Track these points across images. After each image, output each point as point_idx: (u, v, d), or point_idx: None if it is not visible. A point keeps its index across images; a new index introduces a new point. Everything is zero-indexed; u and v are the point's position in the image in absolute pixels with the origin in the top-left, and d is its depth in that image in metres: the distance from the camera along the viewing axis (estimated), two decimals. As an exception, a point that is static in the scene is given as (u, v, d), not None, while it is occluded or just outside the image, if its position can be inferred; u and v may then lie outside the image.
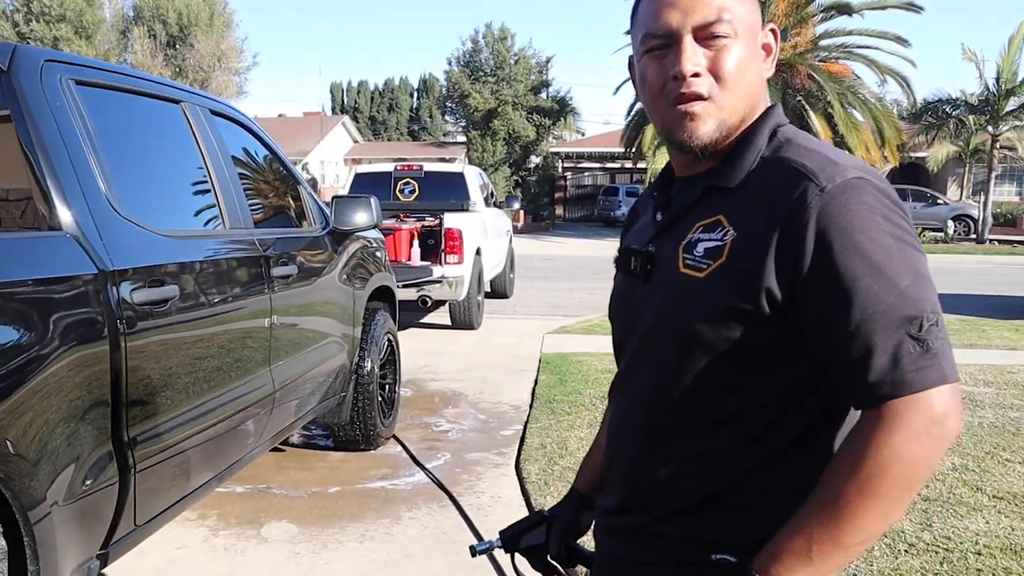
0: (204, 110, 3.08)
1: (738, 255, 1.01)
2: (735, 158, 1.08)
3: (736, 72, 1.06)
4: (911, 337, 0.92)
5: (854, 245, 0.94)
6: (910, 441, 0.91)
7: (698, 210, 1.10)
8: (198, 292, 2.62)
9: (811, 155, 1.03)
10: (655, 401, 1.12)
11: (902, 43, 22.67)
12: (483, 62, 32.03)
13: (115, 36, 28.11)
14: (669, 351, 1.09)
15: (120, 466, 2.21)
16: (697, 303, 1.04)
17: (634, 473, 1.15)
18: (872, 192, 0.98)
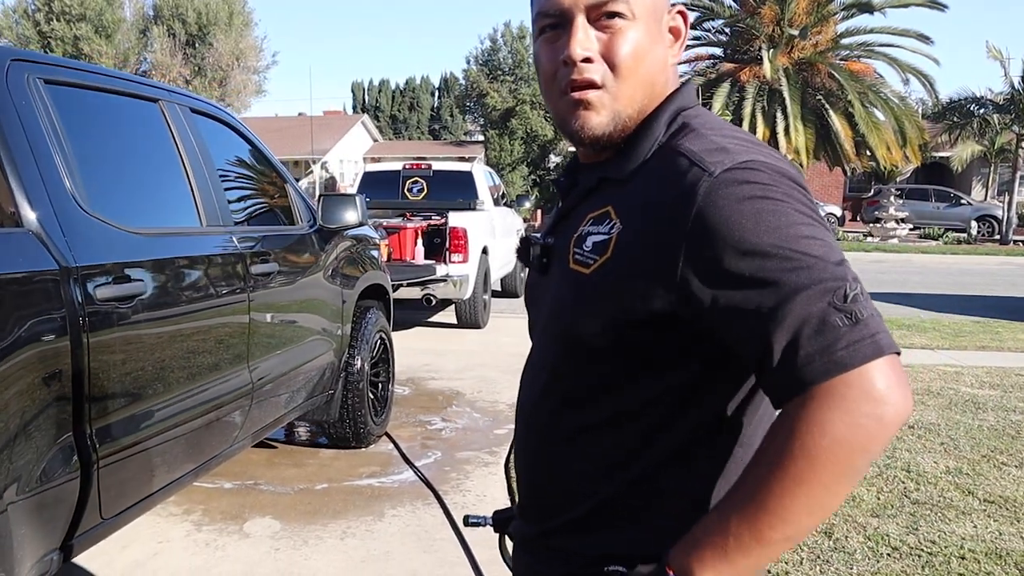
0: (184, 108, 3.10)
1: (622, 250, 0.95)
2: (629, 147, 1.01)
3: (632, 58, 0.99)
4: (836, 309, 0.81)
5: (752, 228, 0.85)
6: (846, 422, 0.79)
7: (591, 201, 1.04)
8: (167, 289, 2.63)
9: (702, 140, 0.95)
10: (545, 403, 1.07)
11: (925, 41, 22.42)
12: (501, 61, 32.06)
13: (135, 35, 28.39)
14: (557, 350, 1.05)
15: (82, 461, 2.22)
16: (582, 301, 0.99)
17: (529, 479, 1.11)
18: (765, 174, 0.90)
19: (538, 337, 1.13)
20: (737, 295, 0.85)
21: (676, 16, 1.05)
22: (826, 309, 0.81)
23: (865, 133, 21.29)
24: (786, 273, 0.83)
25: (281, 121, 37.71)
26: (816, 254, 0.84)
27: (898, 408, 0.81)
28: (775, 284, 0.83)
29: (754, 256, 0.84)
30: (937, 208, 25.90)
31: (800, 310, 0.81)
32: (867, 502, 3.65)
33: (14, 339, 1.98)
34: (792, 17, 21.97)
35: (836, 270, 0.83)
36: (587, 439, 1.02)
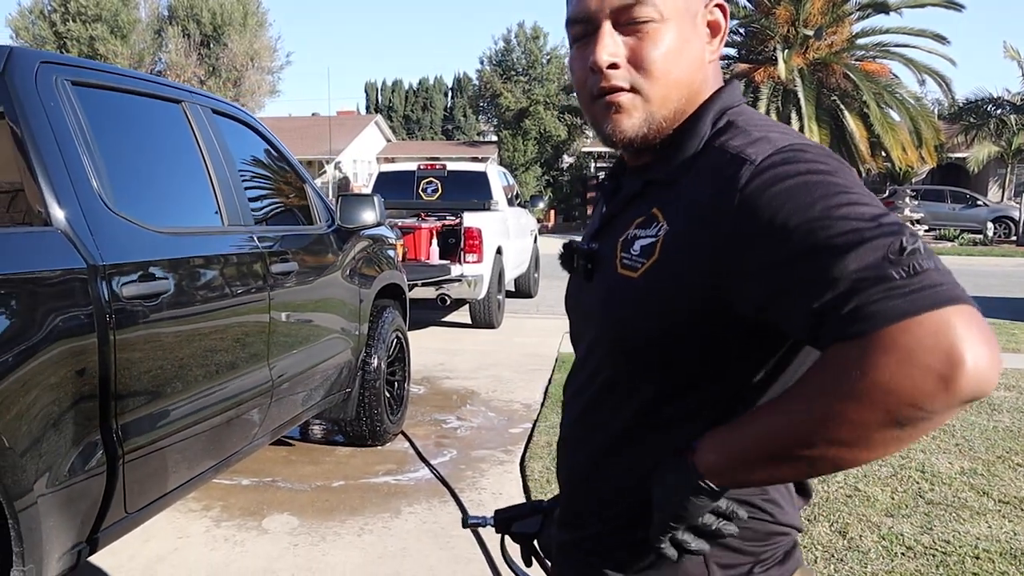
0: (206, 110, 3.15)
1: (669, 251, 0.94)
2: (673, 148, 1.00)
3: (663, 61, 0.97)
4: (890, 262, 0.77)
5: (797, 202, 0.83)
6: (898, 370, 0.74)
7: (637, 204, 1.03)
8: (191, 287, 2.68)
9: (745, 135, 0.94)
10: (594, 410, 1.06)
11: (941, 41, 22.30)
12: (515, 61, 32.09)
13: (150, 35, 28.58)
14: (606, 358, 1.04)
15: (109, 456, 2.27)
16: (631, 306, 0.98)
17: (573, 487, 1.11)
18: (809, 154, 0.88)
19: (585, 345, 1.11)
20: (787, 270, 0.82)
21: (714, 10, 1.01)
22: (880, 263, 0.77)
23: (880, 134, 21.19)
24: (835, 238, 0.79)
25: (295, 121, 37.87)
26: (865, 215, 0.81)
27: (973, 368, 0.73)
28: (825, 250, 0.79)
29: (801, 229, 0.82)
30: (953, 209, 25.73)
31: (852, 268, 0.77)
32: (881, 502, 3.66)
33: (44, 335, 2.03)
34: (807, 17, 21.89)
35: (888, 227, 0.79)
36: (635, 447, 1.02)
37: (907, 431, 0.77)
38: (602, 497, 1.05)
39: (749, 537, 0.98)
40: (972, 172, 26.98)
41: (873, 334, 0.75)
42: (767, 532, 0.99)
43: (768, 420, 0.86)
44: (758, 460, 0.87)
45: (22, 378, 1.96)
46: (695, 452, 0.91)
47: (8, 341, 1.93)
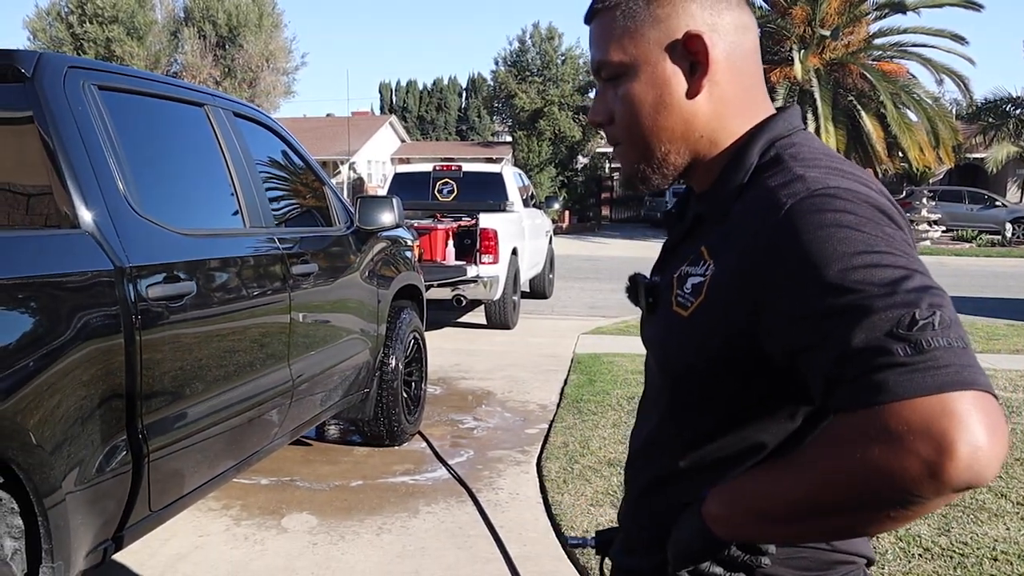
0: (228, 113, 3.19)
1: (714, 294, 0.93)
2: (719, 183, 0.99)
3: (632, 114, 1.00)
4: (895, 337, 0.74)
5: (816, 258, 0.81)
6: (887, 454, 0.72)
7: (689, 241, 1.03)
8: (214, 288, 2.72)
9: (783, 173, 0.91)
10: (651, 445, 1.08)
11: (959, 41, 22.14)
12: (530, 62, 32.06)
13: (166, 37, 28.77)
14: (664, 392, 1.05)
15: (134, 454, 2.31)
16: (680, 343, 0.98)
17: (632, 515, 1.13)
18: (840, 200, 0.85)
19: (650, 372, 1.12)
20: (807, 328, 0.81)
21: (686, 44, 0.97)
22: (884, 338, 0.75)
23: (897, 134, 21.07)
24: (848, 304, 0.78)
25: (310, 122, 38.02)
26: (883, 280, 0.78)
27: (965, 458, 0.70)
28: (837, 315, 0.78)
29: (818, 286, 0.80)
30: (971, 210, 25.54)
31: (860, 340, 0.76)
32: (899, 505, 3.65)
33: (72, 336, 2.07)
34: (823, 18, 21.81)
35: (905, 297, 0.76)
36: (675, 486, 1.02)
37: (900, 512, 0.74)
38: (645, 527, 1.06)
39: (807, 567, 0.95)
40: (990, 172, 26.76)
41: (870, 410, 0.74)
42: (829, 561, 0.96)
43: (770, 480, 0.84)
44: (758, 518, 0.85)
45: (51, 378, 2.00)
46: (704, 499, 0.91)
47: (37, 341, 1.97)
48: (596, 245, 22.55)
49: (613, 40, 1.00)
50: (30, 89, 2.27)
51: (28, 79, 2.28)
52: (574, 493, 3.86)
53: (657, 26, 0.97)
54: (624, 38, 0.99)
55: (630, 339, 8.08)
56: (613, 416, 5.13)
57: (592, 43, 1.03)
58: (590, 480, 4.01)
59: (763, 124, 0.99)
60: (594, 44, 1.02)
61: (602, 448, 4.48)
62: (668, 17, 0.97)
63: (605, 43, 1.00)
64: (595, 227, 29.88)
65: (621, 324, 9.12)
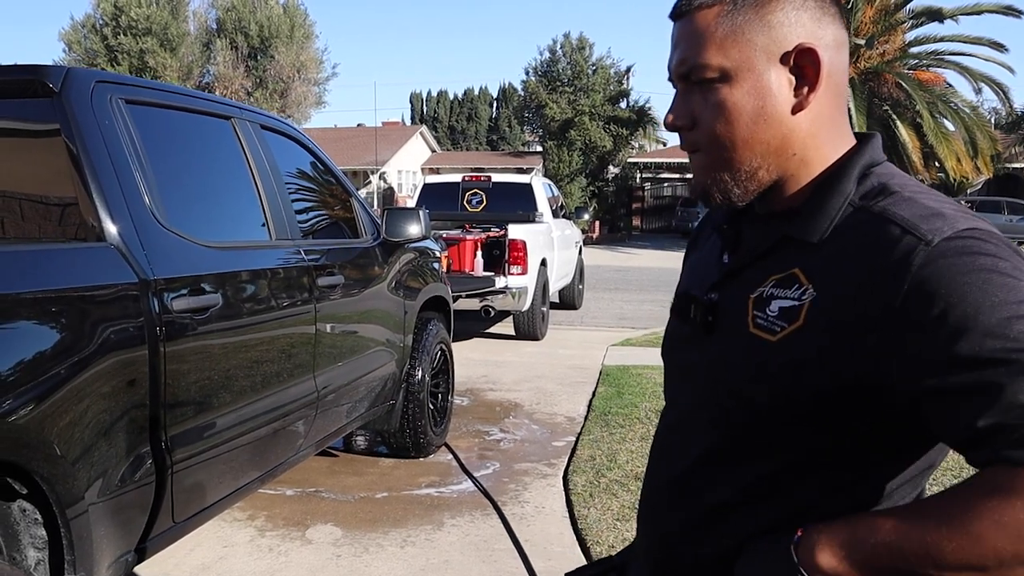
0: (255, 125, 3.21)
1: (818, 321, 0.88)
2: (815, 204, 0.94)
3: (725, 123, 0.94)
4: None
5: (976, 304, 0.78)
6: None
7: (772, 261, 0.96)
8: (239, 301, 2.73)
9: (911, 204, 0.87)
10: (695, 472, 1.01)
11: (999, 48, 21.76)
12: (560, 72, 32.10)
13: (198, 48, 29.12)
14: (716, 420, 0.99)
15: (158, 466, 2.32)
16: (764, 369, 0.92)
17: (663, 549, 1.05)
18: (991, 244, 0.82)
19: (685, 402, 1.07)
20: (954, 373, 0.78)
21: (797, 57, 0.93)
22: None
23: (933, 144, 20.76)
24: (1012, 354, 0.76)
25: (340, 132, 38.44)
26: None
27: None
28: (1000, 364, 0.76)
29: (982, 333, 0.77)
30: (1010, 221, 25.07)
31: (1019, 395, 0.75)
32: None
33: (97, 347, 2.08)
34: (858, 27, 21.57)
35: None
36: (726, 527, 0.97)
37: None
38: (695, 566, 1.00)
39: None
40: (1030, 183, 26.28)
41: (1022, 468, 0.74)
42: None
43: (902, 528, 0.80)
44: (879, 568, 0.81)
45: (75, 388, 2.02)
46: (800, 546, 0.85)
47: (63, 352, 1.98)
48: (626, 255, 22.45)
49: (713, 42, 0.93)
50: (58, 104, 2.30)
51: (56, 94, 2.30)
52: (600, 507, 3.82)
53: (767, 33, 0.93)
54: (727, 41, 0.93)
55: (659, 351, 8.02)
56: (641, 429, 5.07)
57: (682, 41, 0.96)
58: (617, 494, 3.97)
59: (858, 149, 0.97)
60: (685, 42, 0.96)
61: (629, 462, 4.43)
62: (780, 25, 0.93)
63: (702, 43, 0.94)
64: (625, 237, 29.78)
65: (651, 335, 9.05)
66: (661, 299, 12.98)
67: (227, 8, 29.55)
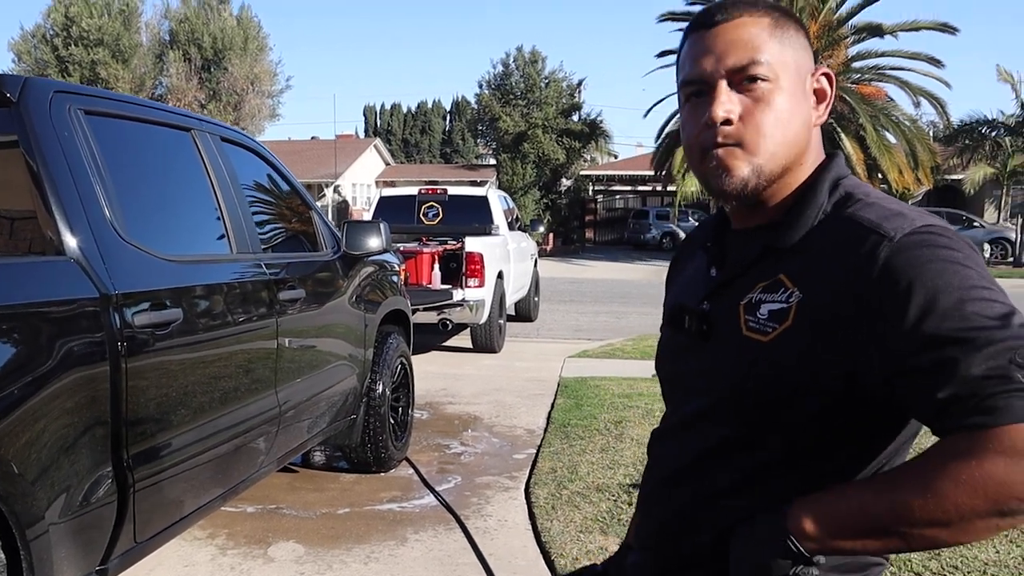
0: (215, 137, 3.17)
1: (805, 318, 0.98)
2: (794, 215, 1.04)
3: (774, 119, 1.03)
4: (1017, 365, 0.84)
5: (936, 289, 0.89)
6: (1007, 466, 0.82)
7: (758, 269, 1.06)
8: (201, 315, 2.69)
9: (875, 208, 0.99)
10: (700, 466, 1.09)
11: (936, 64, 22.45)
12: (513, 85, 32.25)
13: (151, 60, 28.70)
14: (721, 416, 1.06)
15: (119, 484, 2.26)
16: (761, 368, 1.01)
17: (667, 538, 1.13)
18: (946, 237, 0.94)
19: (690, 404, 1.13)
20: (921, 352, 0.88)
21: (821, 78, 1.08)
22: (1007, 365, 0.84)
23: (877, 156, 21.30)
24: (971, 331, 0.86)
25: (294, 144, 38.09)
26: (999, 315, 0.88)
27: None
28: (957, 343, 0.86)
29: (942, 313, 0.87)
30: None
31: (983, 363, 0.85)
32: (889, 528, 3.64)
33: (57, 364, 2.03)
34: (802, 42, 22.07)
35: (1018, 331, 0.87)
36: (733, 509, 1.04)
37: (1007, 520, 0.84)
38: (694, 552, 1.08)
39: (849, 569, 1.01)
40: (968, 193, 27.13)
41: (993, 429, 0.83)
42: (866, 563, 1.03)
43: (874, 494, 0.91)
44: (856, 530, 0.91)
45: (35, 406, 1.97)
46: (786, 515, 0.94)
47: (21, 369, 1.93)
48: (580, 268, 22.59)
49: (770, 45, 1.03)
50: (15, 114, 2.25)
51: (13, 103, 2.25)
52: (563, 520, 3.83)
53: (803, 53, 1.07)
54: (779, 48, 1.04)
55: (616, 362, 8.08)
56: (601, 441, 5.10)
57: (733, 43, 1.04)
58: (579, 506, 3.98)
59: (827, 164, 1.08)
60: (739, 44, 1.03)
61: (590, 474, 4.45)
62: (807, 49, 1.08)
63: (759, 44, 1.03)
64: (579, 249, 29.98)
65: (607, 347, 9.12)
66: (616, 311, 13.10)
67: (180, 20, 29.20)
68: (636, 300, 14.78)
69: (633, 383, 6.86)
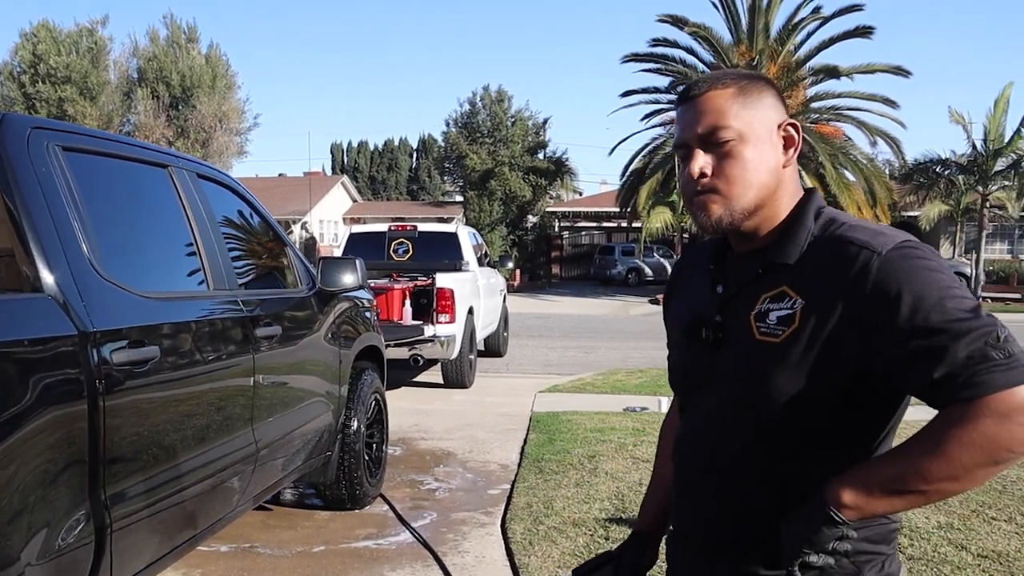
0: (191, 174, 3.16)
1: (809, 320, 1.19)
2: (788, 237, 1.26)
3: (740, 169, 1.26)
4: (992, 347, 1.06)
5: (922, 290, 1.11)
6: (997, 425, 1.04)
7: (761, 283, 1.27)
8: (180, 353, 2.66)
9: (859, 230, 1.21)
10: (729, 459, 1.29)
11: (891, 105, 23.10)
12: (480, 123, 32.53)
13: (119, 97, 28.51)
14: (746, 413, 1.25)
15: (97, 525, 2.22)
16: (777, 366, 1.21)
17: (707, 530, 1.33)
18: (921, 250, 1.16)
19: (714, 406, 1.32)
20: (915, 341, 1.10)
21: (788, 127, 1.29)
22: (984, 347, 1.07)
23: (836, 193, 21.73)
24: (953, 323, 1.09)
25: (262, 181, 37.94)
26: (971, 309, 1.11)
27: None
28: (945, 332, 1.08)
29: (927, 311, 1.10)
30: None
31: (966, 348, 1.07)
32: (863, 558, 3.67)
33: (34, 403, 2.00)
34: (762, 82, 22.57)
35: (988, 320, 1.10)
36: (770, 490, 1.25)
37: (1000, 467, 1.09)
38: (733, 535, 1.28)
39: (879, 539, 1.23)
40: (924, 229, 27.72)
41: (983, 398, 1.05)
42: (888, 531, 1.25)
43: (893, 463, 1.15)
44: (884, 495, 1.13)
45: (11, 446, 1.93)
46: (825, 492, 1.16)
47: (-2, 409, 1.90)
48: (547, 303, 22.65)
49: (732, 112, 1.26)
50: (-6, 150, 2.23)
51: (-8, 140, 2.24)
52: (541, 555, 3.81)
53: (768, 111, 1.29)
54: (742, 112, 1.26)
55: (587, 397, 8.10)
56: (575, 476, 5.10)
57: (703, 114, 1.27)
58: (556, 541, 3.96)
59: (808, 197, 1.31)
60: (706, 115, 1.27)
61: (566, 508, 4.44)
62: (772, 107, 1.30)
63: (724, 113, 1.26)
64: (545, 285, 30.07)
65: (577, 382, 9.14)
66: (584, 345, 13.14)
67: (148, 58, 29.10)
68: (604, 335, 14.85)
69: (605, 417, 6.88)
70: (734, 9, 23.52)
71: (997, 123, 23.51)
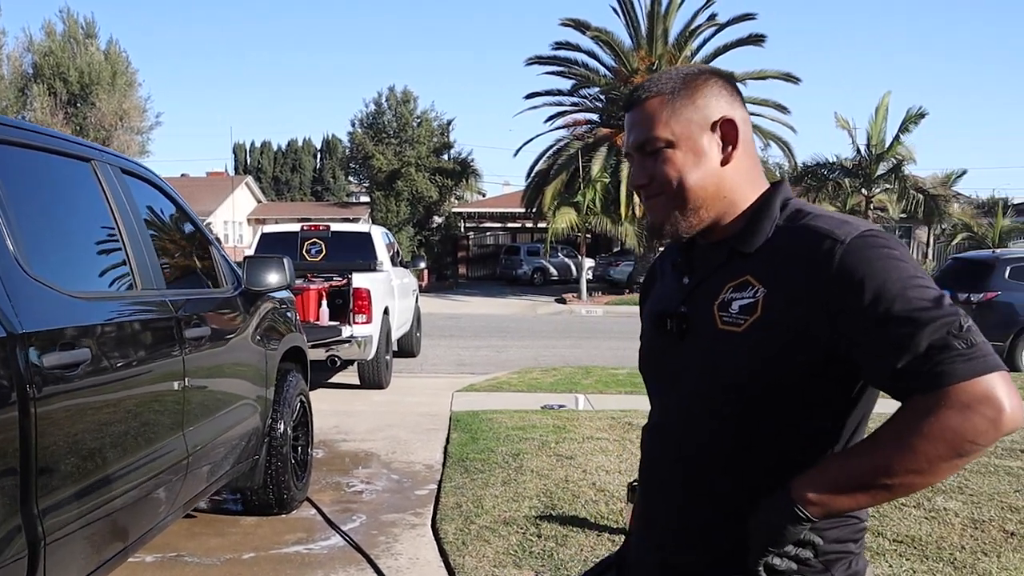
0: (115, 169, 3.02)
1: (771, 308, 1.18)
2: (751, 227, 1.26)
3: (672, 172, 1.27)
4: (954, 336, 1.05)
5: (885, 278, 1.10)
6: (960, 416, 1.03)
7: (724, 273, 1.26)
8: (110, 355, 2.54)
9: (824, 219, 1.21)
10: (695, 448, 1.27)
11: (782, 110, 24.11)
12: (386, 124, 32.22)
13: (13, 93, 26.98)
14: (710, 402, 1.25)
15: (29, 539, 2.10)
16: (739, 354, 1.20)
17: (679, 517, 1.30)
18: (883, 239, 1.15)
19: (679, 397, 1.31)
20: (878, 329, 1.09)
21: (723, 125, 1.28)
22: (946, 337, 1.06)
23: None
24: (915, 312, 1.08)
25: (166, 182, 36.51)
26: (933, 298, 1.10)
27: (1012, 414, 1.04)
28: (907, 320, 1.08)
29: (890, 299, 1.09)
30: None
31: (928, 337, 1.06)
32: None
33: (-37, 410, 1.88)
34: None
35: (950, 309, 1.09)
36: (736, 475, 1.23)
37: (963, 459, 1.07)
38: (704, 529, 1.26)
39: (847, 538, 1.22)
40: (816, 230, 28.94)
41: (945, 389, 1.05)
42: (857, 530, 1.24)
43: (858, 458, 1.13)
44: (848, 490, 1.12)
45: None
46: (791, 489, 1.15)
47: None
48: (457, 303, 22.62)
49: (660, 121, 1.27)
50: (-87, 142, 2.08)
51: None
52: (475, 555, 3.80)
53: (698, 111, 1.27)
54: (670, 120, 1.27)
55: (504, 395, 8.14)
56: (501, 474, 5.10)
57: (636, 123, 1.29)
58: (489, 540, 3.96)
59: (774, 188, 1.30)
60: (639, 124, 1.29)
61: (496, 507, 4.44)
62: (706, 106, 1.28)
63: (652, 123, 1.27)
64: (453, 285, 30.03)
65: (493, 381, 9.17)
66: (496, 344, 13.19)
67: (44, 53, 27.69)
68: (514, 334, 14.94)
69: (525, 415, 6.92)
70: (634, 15, 24.05)
71: (878, 129, 24.74)
